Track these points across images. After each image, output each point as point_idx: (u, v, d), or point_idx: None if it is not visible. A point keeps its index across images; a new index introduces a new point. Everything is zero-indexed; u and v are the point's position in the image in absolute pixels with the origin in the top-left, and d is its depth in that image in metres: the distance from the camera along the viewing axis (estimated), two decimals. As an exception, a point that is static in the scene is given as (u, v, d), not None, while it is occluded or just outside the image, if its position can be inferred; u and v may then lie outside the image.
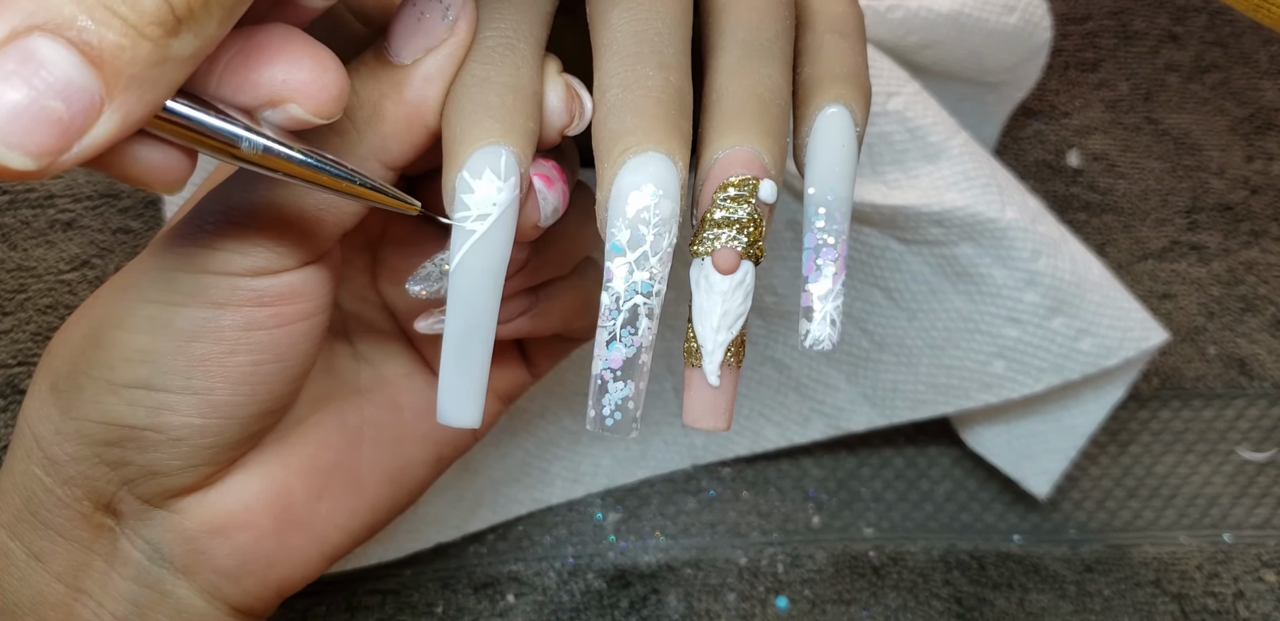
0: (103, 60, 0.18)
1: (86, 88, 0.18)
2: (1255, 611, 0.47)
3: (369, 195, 0.25)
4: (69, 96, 0.18)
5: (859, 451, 0.50)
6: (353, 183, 0.24)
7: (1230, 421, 0.51)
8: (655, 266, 0.24)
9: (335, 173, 0.24)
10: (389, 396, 0.34)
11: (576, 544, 0.47)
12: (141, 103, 0.19)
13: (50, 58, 0.18)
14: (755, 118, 0.25)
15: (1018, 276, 0.44)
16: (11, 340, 0.45)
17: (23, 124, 0.18)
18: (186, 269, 0.27)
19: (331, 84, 0.22)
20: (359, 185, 0.24)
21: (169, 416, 0.27)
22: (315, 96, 0.22)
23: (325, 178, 0.24)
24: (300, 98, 0.22)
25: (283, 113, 0.22)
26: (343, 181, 0.24)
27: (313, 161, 0.23)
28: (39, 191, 0.46)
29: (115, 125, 0.19)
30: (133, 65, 0.19)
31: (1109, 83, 0.57)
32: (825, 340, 0.26)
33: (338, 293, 0.32)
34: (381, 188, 0.25)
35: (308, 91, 0.22)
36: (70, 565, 0.29)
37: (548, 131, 0.27)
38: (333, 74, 0.22)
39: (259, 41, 0.22)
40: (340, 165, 0.24)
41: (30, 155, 0.18)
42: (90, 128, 0.19)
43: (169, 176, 0.22)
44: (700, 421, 0.25)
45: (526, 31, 0.26)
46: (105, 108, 0.19)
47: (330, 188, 0.24)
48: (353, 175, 0.24)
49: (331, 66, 0.23)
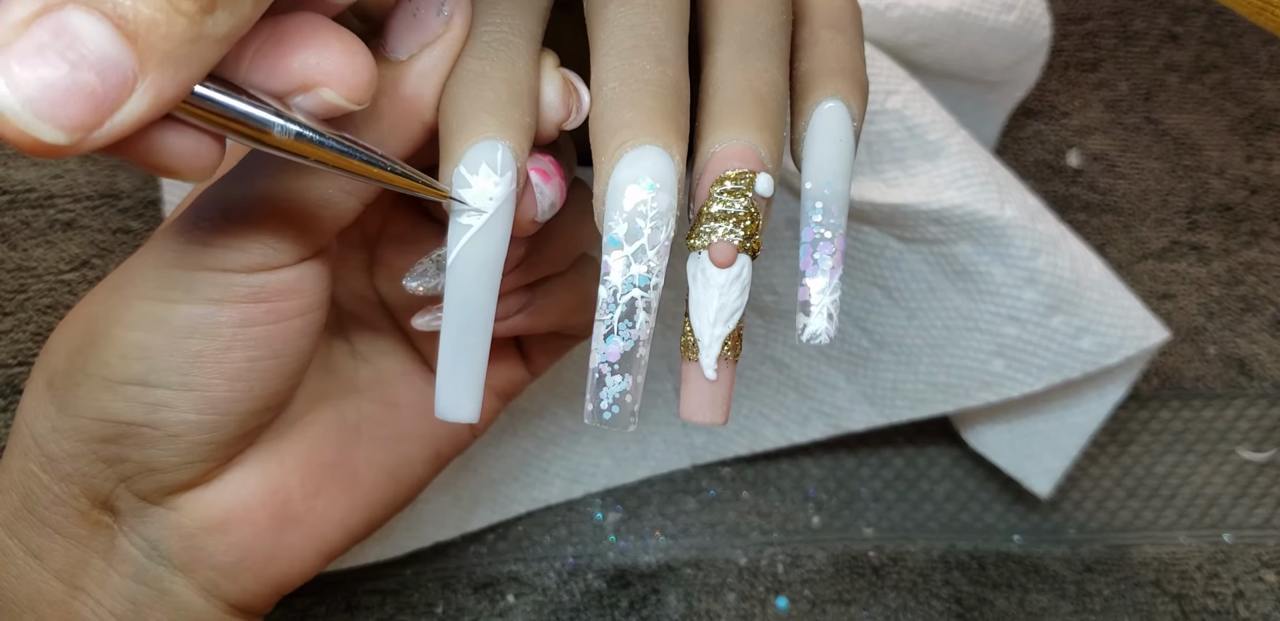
0: (137, 35, 0.18)
1: (121, 62, 0.18)
2: (1255, 611, 0.47)
3: (398, 181, 0.24)
4: (103, 70, 0.18)
5: (859, 451, 0.50)
6: (383, 169, 0.24)
7: (1230, 421, 0.51)
8: (653, 260, 0.24)
9: (365, 158, 0.24)
10: (387, 394, 0.34)
11: (576, 544, 0.47)
12: (175, 80, 0.19)
13: (85, 31, 0.18)
14: (752, 112, 0.25)
15: (1017, 274, 0.44)
16: (11, 340, 0.45)
17: (56, 97, 0.18)
18: (183, 265, 0.27)
19: (363, 68, 0.22)
20: (389, 171, 0.24)
21: (166, 413, 0.27)
22: (348, 81, 0.22)
23: (355, 164, 0.24)
24: (334, 82, 0.22)
25: (315, 98, 0.22)
26: (373, 168, 0.24)
27: (344, 147, 0.23)
28: (39, 191, 0.46)
29: (148, 102, 0.19)
30: (167, 41, 0.18)
31: (1109, 83, 0.57)
32: (822, 334, 0.26)
33: (335, 290, 0.32)
34: (412, 174, 0.25)
35: (340, 75, 0.22)
36: (68, 562, 0.29)
37: (545, 126, 0.27)
38: (363, 58, 0.23)
39: (289, 28, 0.22)
40: (371, 151, 0.24)
41: (63, 129, 0.18)
42: (123, 103, 0.19)
43: (199, 163, 0.22)
44: (697, 415, 0.25)
45: (522, 26, 0.26)
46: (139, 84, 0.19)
47: (360, 174, 0.24)
48: (383, 161, 0.24)
49: (361, 51, 0.23)
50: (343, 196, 0.27)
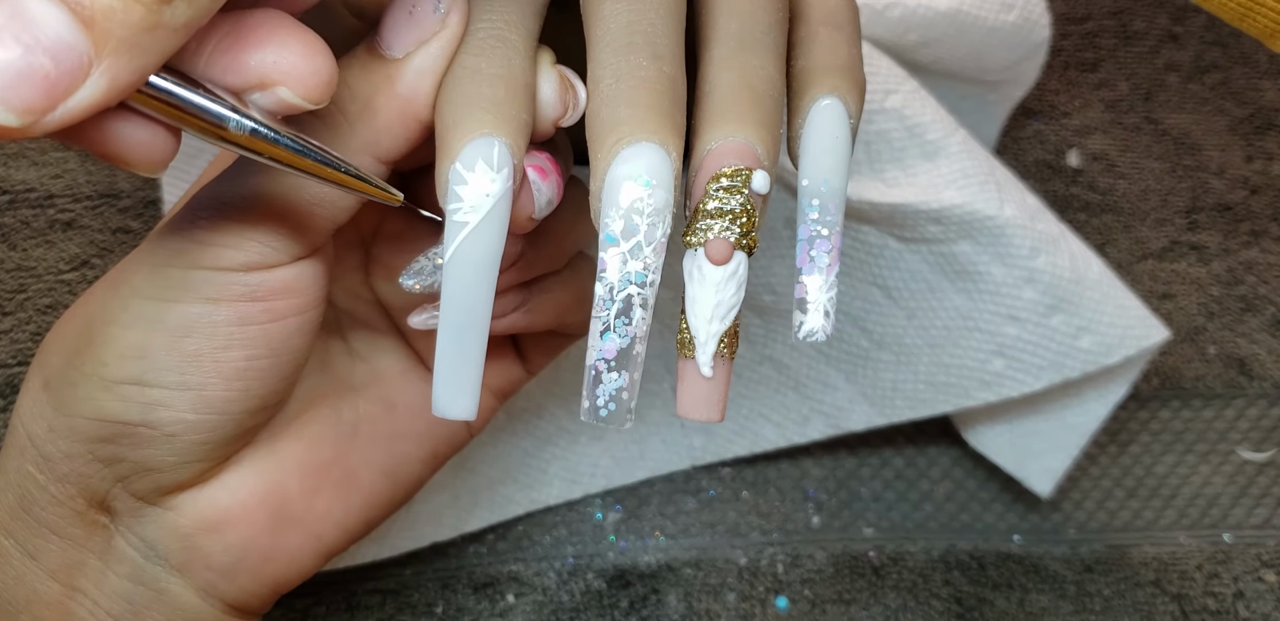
0: (94, 21, 0.18)
1: (76, 47, 0.18)
2: (1255, 611, 0.47)
3: (352, 183, 0.25)
4: (58, 55, 0.18)
5: (859, 451, 0.50)
6: (336, 170, 0.24)
7: (1230, 421, 0.51)
8: (649, 256, 0.24)
9: (319, 159, 0.24)
10: (383, 393, 0.34)
11: (576, 544, 0.47)
12: (130, 68, 0.19)
13: (40, 15, 0.18)
14: (748, 108, 0.25)
15: (1017, 274, 0.44)
16: (11, 340, 0.45)
17: (9, 80, 0.18)
18: (179, 265, 0.27)
19: (321, 69, 0.22)
20: (342, 172, 0.24)
21: (162, 412, 0.27)
22: (305, 81, 0.22)
23: (309, 164, 0.24)
24: (290, 81, 0.22)
25: (272, 96, 0.22)
26: (327, 168, 0.24)
27: (298, 146, 0.23)
28: (39, 191, 0.46)
29: (102, 88, 0.19)
30: (124, 28, 0.18)
31: (1109, 83, 0.57)
32: (819, 331, 0.26)
33: (331, 289, 0.32)
34: (365, 176, 0.25)
35: (298, 75, 0.22)
36: (65, 563, 0.29)
37: (542, 123, 0.27)
38: (322, 59, 0.22)
39: (250, 24, 0.22)
40: (325, 152, 0.24)
41: (15, 112, 0.18)
42: (77, 88, 0.19)
43: (152, 155, 0.22)
44: (693, 412, 0.25)
45: (518, 22, 0.26)
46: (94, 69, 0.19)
47: (314, 174, 0.24)
48: (337, 162, 0.24)
49: (321, 51, 0.22)
50: (337, 194, 0.27)
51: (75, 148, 0.22)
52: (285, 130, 0.23)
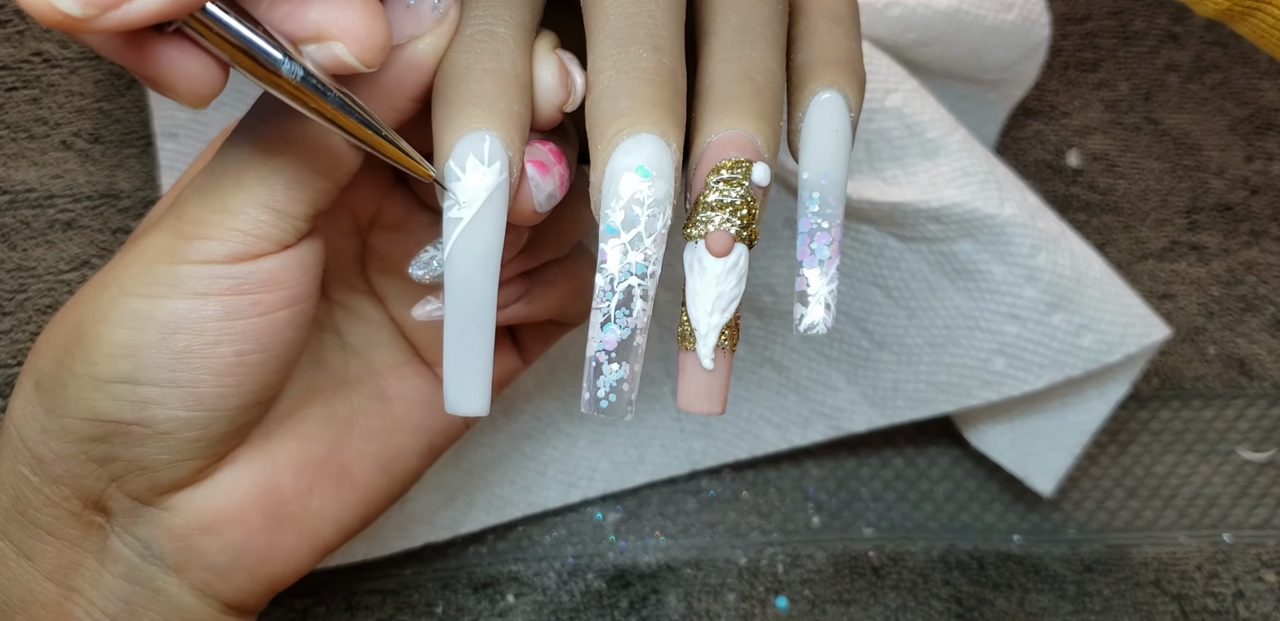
0: None
1: None
2: (1255, 611, 0.47)
3: (387, 149, 0.24)
4: None
5: (859, 451, 0.50)
6: (376, 134, 0.24)
7: (1230, 421, 0.51)
8: (649, 247, 0.24)
9: (360, 119, 0.24)
10: (378, 387, 0.34)
11: (576, 544, 0.47)
12: None
13: None
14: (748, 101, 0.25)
15: (1017, 272, 0.44)
16: (11, 340, 0.45)
17: None
18: (164, 261, 0.27)
19: (379, 32, 0.23)
20: (381, 137, 0.24)
21: (155, 410, 0.27)
22: (362, 41, 0.22)
23: (350, 122, 0.24)
24: (349, 39, 0.22)
25: (326, 50, 0.22)
26: (367, 130, 0.24)
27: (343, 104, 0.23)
28: (39, 191, 0.46)
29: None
30: None
31: (1109, 83, 0.57)
32: (820, 324, 0.26)
33: (326, 281, 0.32)
34: (402, 146, 0.25)
35: (356, 34, 0.22)
36: (61, 564, 0.29)
37: (545, 109, 0.27)
38: (381, 23, 0.23)
39: None
40: (368, 113, 0.24)
41: (80, 2, 0.18)
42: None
43: (198, 88, 0.22)
44: (694, 405, 0.25)
45: (508, 16, 0.26)
46: None
47: (353, 133, 0.24)
48: (378, 125, 0.24)
49: (381, 16, 0.23)
50: (314, 177, 0.27)
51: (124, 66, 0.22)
52: (335, 85, 0.23)
